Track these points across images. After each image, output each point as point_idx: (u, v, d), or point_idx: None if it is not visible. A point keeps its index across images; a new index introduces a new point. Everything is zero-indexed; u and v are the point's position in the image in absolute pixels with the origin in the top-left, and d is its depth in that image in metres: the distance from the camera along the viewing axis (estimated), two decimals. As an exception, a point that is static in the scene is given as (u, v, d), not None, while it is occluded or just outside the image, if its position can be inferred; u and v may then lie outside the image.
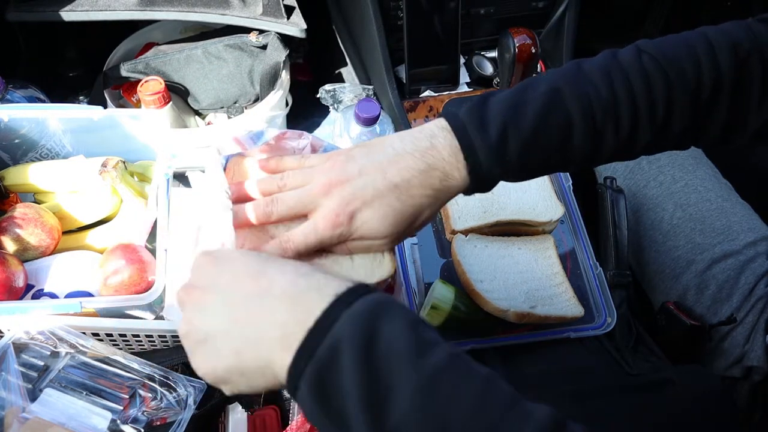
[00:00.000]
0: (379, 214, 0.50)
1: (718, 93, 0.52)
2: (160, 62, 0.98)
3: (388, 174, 0.50)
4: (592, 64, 0.53)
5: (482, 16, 1.06)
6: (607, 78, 0.51)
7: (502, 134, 0.50)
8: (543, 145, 0.51)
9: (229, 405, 0.72)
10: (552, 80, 0.52)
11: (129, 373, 0.68)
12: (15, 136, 0.79)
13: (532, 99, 0.51)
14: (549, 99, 0.51)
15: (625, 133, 0.52)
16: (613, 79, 0.51)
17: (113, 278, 0.70)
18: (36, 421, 0.61)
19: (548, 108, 0.51)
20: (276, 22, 0.95)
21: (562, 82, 0.52)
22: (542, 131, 0.51)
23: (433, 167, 0.50)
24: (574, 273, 0.82)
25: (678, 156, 0.92)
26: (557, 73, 0.53)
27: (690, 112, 0.52)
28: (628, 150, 0.54)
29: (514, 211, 0.82)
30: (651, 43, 0.54)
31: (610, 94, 0.51)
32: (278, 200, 0.53)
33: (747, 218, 0.86)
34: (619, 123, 0.51)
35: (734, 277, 0.81)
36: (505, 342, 0.76)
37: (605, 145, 0.52)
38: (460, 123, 0.51)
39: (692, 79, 0.51)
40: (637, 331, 0.80)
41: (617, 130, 0.52)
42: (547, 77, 0.53)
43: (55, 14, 0.91)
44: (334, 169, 0.51)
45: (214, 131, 0.97)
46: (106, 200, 0.78)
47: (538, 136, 0.50)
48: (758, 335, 0.77)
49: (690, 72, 0.51)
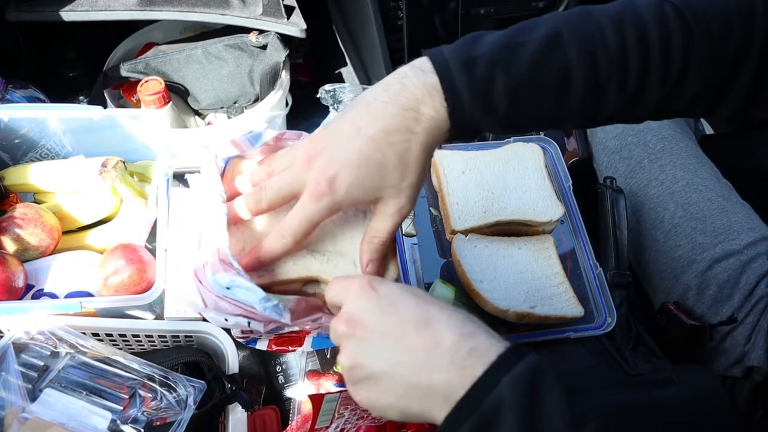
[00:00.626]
0: (360, 172, 0.48)
1: (745, 56, 0.47)
2: (160, 62, 0.98)
3: (362, 129, 0.47)
4: (604, 9, 0.48)
5: (482, 16, 1.06)
6: (617, 25, 0.46)
7: (489, 74, 0.46)
8: (536, 94, 0.47)
9: (229, 405, 0.72)
10: (554, 23, 0.48)
11: (129, 373, 0.68)
12: (15, 136, 0.79)
13: (530, 42, 0.47)
14: (548, 43, 0.46)
15: (632, 89, 0.47)
16: (625, 26, 0.46)
17: (113, 278, 0.70)
18: (36, 421, 0.61)
19: (546, 53, 0.46)
20: (276, 22, 0.95)
21: (565, 25, 0.47)
22: (536, 78, 0.46)
23: (406, 108, 0.47)
24: (574, 273, 0.82)
25: (679, 155, 0.92)
26: (561, 15, 0.49)
27: (709, 73, 0.47)
28: (632, 110, 0.49)
29: (514, 211, 0.82)
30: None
31: (620, 42, 0.46)
32: (266, 186, 0.52)
33: (748, 218, 0.86)
34: (625, 77, 0.47)
35: (735, 277, 0.81)
36: (505, 342, 0.76)
37: (607, 102, 0.48)
38: (441, 59, 0.47)
39: (718, 38, 0.46)
40: (637, 331, 0.80)
41: (622, 86, 0.47)
42: (550, 18, 0.48)
43: (55, 14, 0.91)
44: (313, 140, 0.50)
45: (214, 131, 0.97)
46: (106, 200, 0.78)
47: (530, 83, 0.46)
48: (759, 335, 0.77)
49: (716, 29, 0.46)
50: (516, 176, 0.85)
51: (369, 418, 0.67)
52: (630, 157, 0.94)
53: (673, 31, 0.46)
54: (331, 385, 0.74)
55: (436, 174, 0.85)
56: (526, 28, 0.48)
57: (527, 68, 0.46)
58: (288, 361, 0.80)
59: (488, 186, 0.84)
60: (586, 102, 0.48)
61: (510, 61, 0.46)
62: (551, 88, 0.47)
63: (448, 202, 0.82)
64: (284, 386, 0.79)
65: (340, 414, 0.64)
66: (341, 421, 0.65)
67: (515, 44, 0.47)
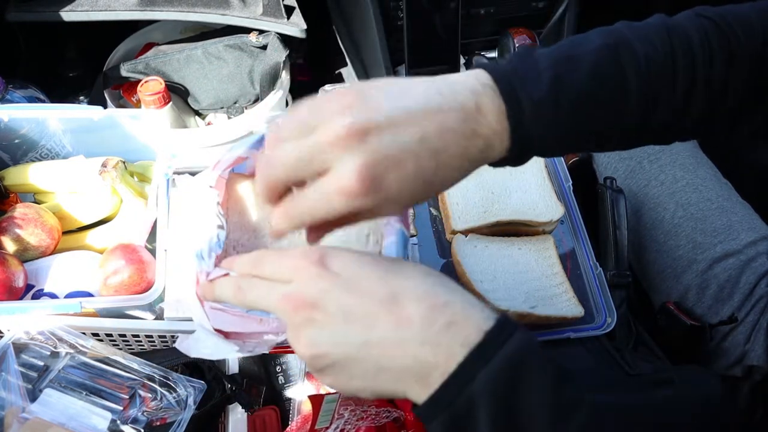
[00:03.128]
0: (408, 184, 0.41)
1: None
2: (160, 62, 0.98)
3: (426, 132, 0.40)
4: (645, 22, 0.48)
5: (482, 16, 1.06)
6: (663, 34, 0.47)
7: (555, 86, 0.43)
8: (598, 104, 0.45)
9: (229, 405, 0.72)
10: (603, 36, 0.47)
11: (129, 373, 0.68)
12: (15, 136, 0.79)
13: (586, 53, 0.45)
14: (605, 54, 0.45)
15: (679, 100, 0.47)
16: (671, 34, 0.47)
17: (113, 278, 0.70)
18: (36, 421, 0.61)
19: (604, 62, 0.45)
20: (276, 22, 0.95)
21: (614, 38, 0.46)
22: (598, 87, 0.45)
23: (477, 134, 0.42)
24: (574, 273, 0.82)
25: (679, 155, 0.92)
26: (606, 30, 0.48)
27: (745, 88, 0.48)
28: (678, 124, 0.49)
29: (514, 211, 0.82)
30: (710, 9, 0.49)
31: (668, 49, 0.46)
32: (272, 161, 0.41)
33: (748, 218, 0.86)
34: (675, 86, 0.47)
35: (735, 277, 0.81)
36: (505, 342, 0.76)
37: (658, 113, 0.47)
38: (503, 74, 0.44)
39: (754, 52, 0.47)
40: (637, 331, 0.80)
41: (671, 96, 0.47)
42: (596, 34, 0.48)
43: (55, 14, 0.91)
44: (353, 108, 0.40)
45: (214, 131, 0.97)
46: (106, 200, 0.78)
47: (593, 93, 0.45)
48: (759, 335, 0.77)
49: (748, 43, 0.47)
50: (516, 176, 0.85)
51: (369, 419, 0.67)
52: (630, 158, 0.95)
53: (712, 42, 0.47)
54: (331, 386, 0.74)
55: (436, 174, 0.85)
56: (577, 42, 0.47)
57: (589, 77, 0.45)
58: (288, 362, 0.80)
59: (488, 186, 0.84)
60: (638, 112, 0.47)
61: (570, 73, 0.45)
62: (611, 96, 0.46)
63: (448, 202, 0.82)
64: (284, 386, 0.79)
65: (339, 414, 0.64)
66: (341, 421, 0.65)
67: (571, 57, 0.46)
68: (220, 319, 0.51)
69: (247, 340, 0.52)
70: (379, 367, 0.40)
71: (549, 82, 0.44)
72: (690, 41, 0.46)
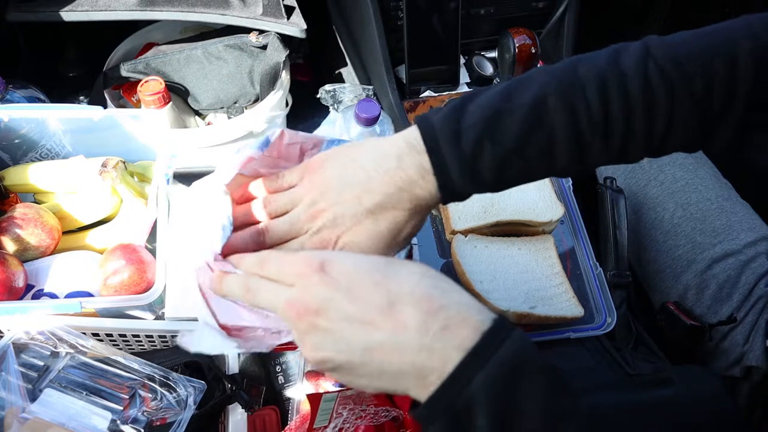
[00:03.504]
0: (359, 238, 0.51)
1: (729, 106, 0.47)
2: (160, 62, 0.98)
3: (362, 201, 0.50)
4: (590, 68, 0.49)
5: (482, 16, 1.06)
6: (602, 89, 0.48)
7: (477, 149, 0.48)
8: (521, 163, 0.49)
9: (229, 405, 0.72)
10: (541, 85, 0.49)
11: (129, 373, 0.68)
12: (15, 136, 0.79)
13: (516, 108, 0.48)
14: (533, 112, 0.48)
15: (615, 150, 0.49)
16: (609, 89, 0.48)
17: (113, 278, 0.70)
18: (36, 421, 0.61)
19: (531, 123, 0.48)
20: (276, 22, 0.95)
21: (551, 89, 0.48)
22: (522, 149, 0.48)
23: (402, 189, 0.50)
24: (574, 273, 0.82)
25: (679, 156, 0.92)
26: (550, 74, 0.50)
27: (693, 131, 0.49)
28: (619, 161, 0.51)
29: (514, 212, 0.82)
30: (663, 43, 0.49)
31: (602, 110, 0.47)
32: (269, 230, 0.53)
33: (747, 218, 0.86)
34: (609, 141, 0.49)
35: (734, 277, 0.81)
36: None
37: (592, 158, 0.50)
38: (432, 135, 0.49)
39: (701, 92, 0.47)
40: (637, 331, 0.80)
41: (606, 147, 0.49)
42: (538, 79, 0.49)
43: (55, 14, 0.91)
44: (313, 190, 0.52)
45: (214, 131, 0.97)
46: (106, 200, 0.78)
47: (516, 153, 0.48)
48: (758, 335, 0.77)
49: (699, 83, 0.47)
50: (516, 176, 0.85)
51: (367, 418, 0.67)
52: (630, 158, 0.95)
53: (656, 95, 0.47)
54: (330, 385, 0.74)
55: (436, 174, 0.85)
56: (514, 89, 0.49)
57: (513, 138, 0.48)
58: (288, 362, 0.80)
59: (488, 186, 0.84)
60: (573, 160, 0.49)
61: (496, 132, 0.48)
62: (538, 153, 0.49)
63: (447, 202, 0.82)
64: (284, 386, 0.79)
65: (338, 414, 0.64)
66: (339, 420, 0.65)
67: (502, 112, 0.48)
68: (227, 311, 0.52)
69: (250, 337, 0.52)
70: (381, 370, 0.42)
71: (473, 143, 0.48)
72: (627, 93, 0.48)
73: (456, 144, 0.48)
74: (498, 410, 0.39)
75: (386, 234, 0.51)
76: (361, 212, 0.51)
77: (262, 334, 0.52)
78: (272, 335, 0.52)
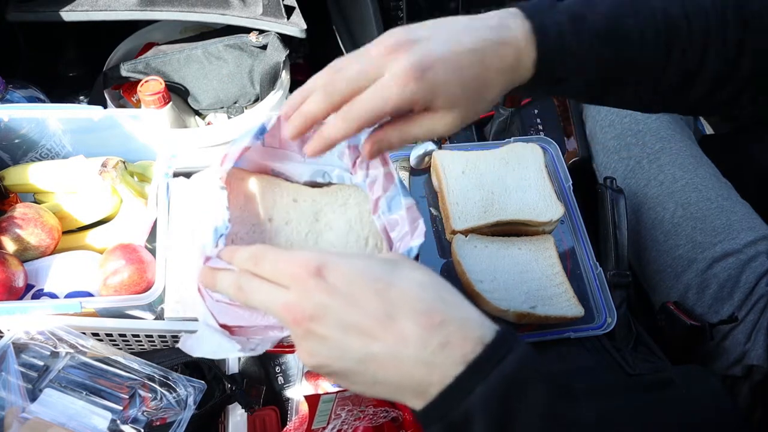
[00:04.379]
0: (457, 74, 0.46)
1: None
2: (160, 62, 0.98)
3: (462, 40, 0.46)
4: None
5: (482, 16, 1.06)
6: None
7: (577, 15, 0.48)
8: (618, 38, 0.49)
9: (229, 405, 0.72)
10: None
11: (129, 373, 0.68)
12: (15, 136, 0.79)
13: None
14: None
15: (696, 52, 0.50)
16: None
17: (113, 278, 0.70)
18: (36, 421, 0.61)
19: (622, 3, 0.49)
20: (276, 22, 0.95)
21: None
22: (620, 23, 0.49)
23: (507, 42, 0.47)
24: (574, 273, 0.82)
25: (678, 155, 0.92)
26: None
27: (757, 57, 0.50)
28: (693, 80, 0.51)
29: (514, 211, 0.82)
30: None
31: (682, 13, 0.50)
32: (337, 77, 0.47)
33: (747, 217, 0.86)
34: (691, 40, 0.50)
35: (735, 276, 0.81)
36: (505, 342, 0.76)
37: (673, 66, 0.50)
38: (530, 6, 0.49)
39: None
40: (637, 331, 0.80)
41: (687, 47, 0.50)
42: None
43: (55, 14, 0.91)
44: (395, 35, 0.47)
45: (214, 131, 0.97)
46: (106, 200, 0.78)
47: (611, 30, 0.49)
48: (759, 334, 0.77)
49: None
50: (516, 176, 0.85)
51: (366, 419, 0.67)
52: (629, 157, 0.95)
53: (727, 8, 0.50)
54: (329, 386, 0.74)
55: (436, 174, 0.85)
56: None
57: (609, 10, 0.49)
58: (287, 362, 0.80)
59: (488, 186, 0.84)
60: (658, 55, 0.50)
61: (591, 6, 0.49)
62: (631, 34, 0.49)
63: (448, 202, 0.82)
64: (284, 387, 0.79)
65: (336, 414, 0.64)
66: (338, 421, 0.65)
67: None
68: (225, 312, 0.51)
69: (251, 336, 0.52)
70: (378, 380, 0.42)
71: (569, 18, 0.48)
72: (704, 6, 0.49)
73: (555, 10, 0.49)
74: (497, 422, 0.39)
75: (481, 86, 0.48)
76: (462, 49, 0.46)
77: (264, 330, 0.52)
78: (275, 330, 0.52)
